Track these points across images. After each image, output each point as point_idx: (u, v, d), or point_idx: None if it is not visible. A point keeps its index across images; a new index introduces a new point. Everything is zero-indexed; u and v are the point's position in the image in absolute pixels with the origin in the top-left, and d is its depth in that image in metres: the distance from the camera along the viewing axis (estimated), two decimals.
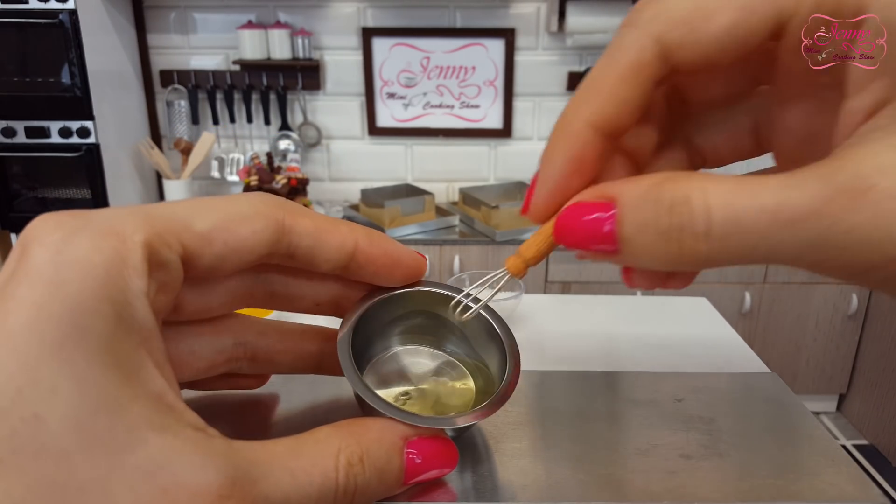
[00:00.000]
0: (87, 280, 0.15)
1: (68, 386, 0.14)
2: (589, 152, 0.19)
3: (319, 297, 0.24)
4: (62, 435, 0.14)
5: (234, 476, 0.16)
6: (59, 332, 0.15)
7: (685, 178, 0.16)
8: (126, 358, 0.16)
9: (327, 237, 0.21)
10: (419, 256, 0.24)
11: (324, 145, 2.18)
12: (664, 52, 0.17)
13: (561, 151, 0.19)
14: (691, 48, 0.17)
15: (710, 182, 0.16)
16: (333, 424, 0.20)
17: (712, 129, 0.21)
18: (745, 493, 0.23)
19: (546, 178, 0.19)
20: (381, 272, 0.23)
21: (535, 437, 0.26)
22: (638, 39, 0.18)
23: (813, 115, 0.18)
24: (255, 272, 0.22)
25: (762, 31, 0.16)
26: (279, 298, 0.23)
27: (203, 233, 0.19)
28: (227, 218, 0.19)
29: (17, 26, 1.69)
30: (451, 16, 2.05)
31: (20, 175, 1.85)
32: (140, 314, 0.16)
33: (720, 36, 0.17)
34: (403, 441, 0.20)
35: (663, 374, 0.31)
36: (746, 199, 0.15)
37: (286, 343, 0.25)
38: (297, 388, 0.29)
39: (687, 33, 0.17)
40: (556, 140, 0.19)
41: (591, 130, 0.18)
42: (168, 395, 0.16)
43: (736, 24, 0.16)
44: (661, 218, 0.16)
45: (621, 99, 0.18)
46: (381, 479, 0.19)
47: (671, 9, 0.17)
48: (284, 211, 0.20)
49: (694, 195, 0.16)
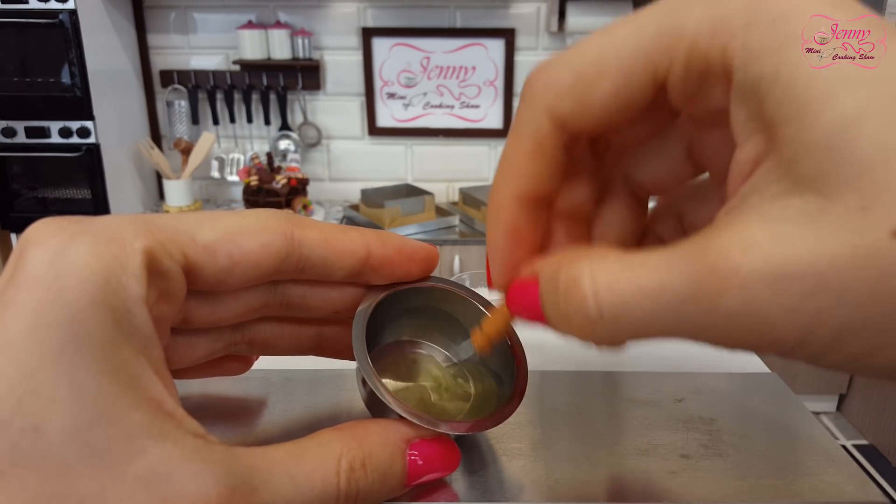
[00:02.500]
0: (86, 286, 0.15)
1: (67, 396, 0.14)
2: (522, 223, 0.19)
3: (336, 304, 0.23)
4: (62, 446, 0.14)
5: (233, 484, 0.16)
6: (58, 339, 0.15)
7: (578, 261, 0.16)
8: (125, 365, 0.15)
9: (338, 245, 0.21)
10: (431, 247, 0.24)
11: (324, 145, 2.18)
12: (560, 124, 0.18)
13: (497, 227, 0.19)
14: (583, 117, 0.17)
15: (598, 264, 0.16)
16: (335, 428, 0.20)
17: (647, 164, 0.21)
18: (745, 492, 0.23)
19: (493, 252, 0.20)
20: (398, 270, 0.23)
21: (535, 436, 0.26)
22: (533, 116, 0.18)
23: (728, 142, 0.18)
24: (270, 284, 0.22)
25: (644, 91, 0.17)
26: (296, 309, 0.23)
27: (207, 244, 0.18)
28: (233, 231, 0.19)
29: (17, 26, 1.69)
30: (451, 16, 2.05)
31: (20, 175, 1.85)
32: (139, 321, 0.16)
33: (606, 103, 0.17)
34: (406, 443, 0.20)
35: (663, 374, 0.31)
36: (629, 282, 0.15)
37: (283, 327, 0.24)
38: (297, 388, 0.29)
39: (574, 104, 0.17)
40: (491, 216, 0.20)
41: (517, 203, 0.19)
42: (167, 403, 0.16)
43: (616, 90, 0.17)
44: (559, 301, 0.17)
45: (534, 173, 0.18)
46: (383, 482, 0.19)
47: (556, 81, 0.17)
48: (293, 224, 0.20)
49: (584, 280, 0.16)
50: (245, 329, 0.23)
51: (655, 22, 0.16)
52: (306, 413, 0.27)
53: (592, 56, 0.17)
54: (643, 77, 0.16)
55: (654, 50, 0.16)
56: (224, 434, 0.17)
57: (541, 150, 0.18)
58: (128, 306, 0.16)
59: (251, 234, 0.19)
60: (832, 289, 0.12)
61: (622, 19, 0.17)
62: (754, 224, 0.14)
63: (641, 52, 0.16)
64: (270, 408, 0.28)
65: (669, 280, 0.14)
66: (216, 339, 0.23)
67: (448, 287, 0.25)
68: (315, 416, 0.27)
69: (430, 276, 0.25)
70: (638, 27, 0.16)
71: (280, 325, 0.24)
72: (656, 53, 0.16)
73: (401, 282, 0.24)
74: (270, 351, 0.25)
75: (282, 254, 0.20)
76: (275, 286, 0.22)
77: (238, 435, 0.26)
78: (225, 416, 0.27)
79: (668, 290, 0.14)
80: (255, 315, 0.23)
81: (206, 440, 0.16)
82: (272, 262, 0.20)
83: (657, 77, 0.16)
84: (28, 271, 0.15)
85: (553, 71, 0.18)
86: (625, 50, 0.16)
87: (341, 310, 0.24)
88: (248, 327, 0.23)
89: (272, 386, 0.29)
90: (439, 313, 0.26)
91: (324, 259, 0.21)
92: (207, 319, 0.21)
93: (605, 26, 0.17)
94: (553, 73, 0.18)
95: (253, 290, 0.22)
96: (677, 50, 0.16)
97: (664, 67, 0.16)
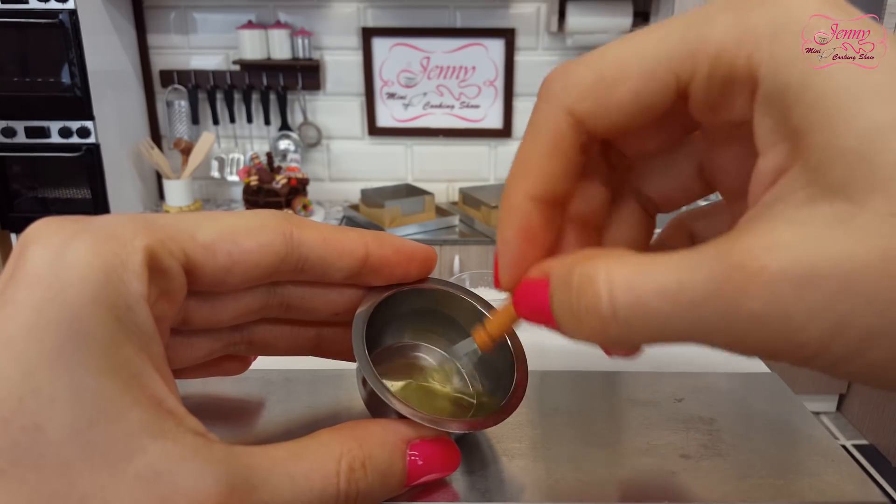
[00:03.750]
0: (87, 284, 0.15)
1: (67, 394, 0.14)
2: (535, 223, 0.19)
3: (336, 306, 0.23)
4: (62, 444, 0.14)
5: (232, 483, 0.16)
6: (58, 338, 0.15)
7: (594, 259, 0.16)
8: (125, 363, 0.16)
9: (337, 246, 0.21)
10: (429, 248, 0.24)
11: (324, 145, 2.18)
12: (578, 124, 0.18)
13: (510, 226, 0.19)
14: (602, 118, 0.17)
15: (615, 263, 0.16)
16: (335, 427, 0.20)
17: (657, 178, 0.21)
18: (745, 492, 0.23)
19: (504, 251, 0.20)
20: (397, 271, 0.23)
21: (535, 436, 0.26)
22: (551, 114, 0.18)
23: (743, 158, 0.17)
24: (270, 286, 0.22)
25: (665, 96, 0.17)
26: (295, 311, 0.23)
27: (206, 243, 0.19)
28: (232, 230, 0.19)
29: (17, 26, 1.69)
30: (451, 16, 2.05)
31: (20, 175, 1.85)
32: (140, 318, 0.16)
33: (625, 105, 0.17)
34: (406, 444, 0.20)
35: (663, 373, 0.31)
36: (647, 281, 0.15)
37: (284, 327, 0.24)
38: (297, 388, 0.29)
39: (594, 105, 0.17)
40: (504, 215, 0.19)
41: (531, 203, 0.19)
42: (168, 401, 0.16)
43: (638, 93, 0.17)
44: (572, 300, 0.16)
45: (550, 172, 0.18)
46: (383, 483, 0.19)
47: (577, 81, 0.17)
48: (291, 224, 0.20)
49: (599, 278, 0.16)
50: (244, 329, 0.23)
51: (681, 30, 0.16)
52: (306, 413, 0.27)
53: (615, 59, 0.17)
54: (665, 81, 0.16)
55: (678, 55, 0.16)
56: (224, 434, 0.17)
57: (557, 149, 0.18)
58: (129, 304, 0.16)
59: (250, 234, 0.19)
60: (860, 292, 0.12)
61: (646, 28, 0.17)
62: (781, 226, 0.14)
63: (665, 56, 0.16)
64: (270, 408, 0.28)
65: (690, 280, 0.14)
66: (215, 339, 0.23)
67: (447, 289, 0.25)
68: (315, 416, 0.27)
69: (430, 278, 0.25)
70: (663, 35, 0.16)
71: (280, 326, 0.24)
72: (679, 59, 0.16)
73: (400, 283, 0.24)
74: (270, 351, 0.25)
75: (281, 253, 0.20)
76: (274, 287, 0.22)
77: (238, 435, 0.26)
78: (225, 416, 0.27)
79: (687, 290, 0.14)
80: (255, 316, 0.23)
81: (207, 438, 0.16)
82: (271, 262, 0.20)
83: (679, 83, 0.16)
84: (28, 270, 0.15)
85: (574, 71, 0.18)
86: (648, 54, 0.16)
87: (341, 311, 0.24)
88: (247, 328, 0.23)
89: (272, 386, 0.29)
90: (439, 315, 0.26)
91: (322, 259, 0.21)
92: (207, 320, 0.21)
93: (628, 34, 0.17)
94: (574, 72, 0.18)
95: (252, 291, 0.22)
96: (702, 57, 0.16)
97: (687, 74, 0.16)
